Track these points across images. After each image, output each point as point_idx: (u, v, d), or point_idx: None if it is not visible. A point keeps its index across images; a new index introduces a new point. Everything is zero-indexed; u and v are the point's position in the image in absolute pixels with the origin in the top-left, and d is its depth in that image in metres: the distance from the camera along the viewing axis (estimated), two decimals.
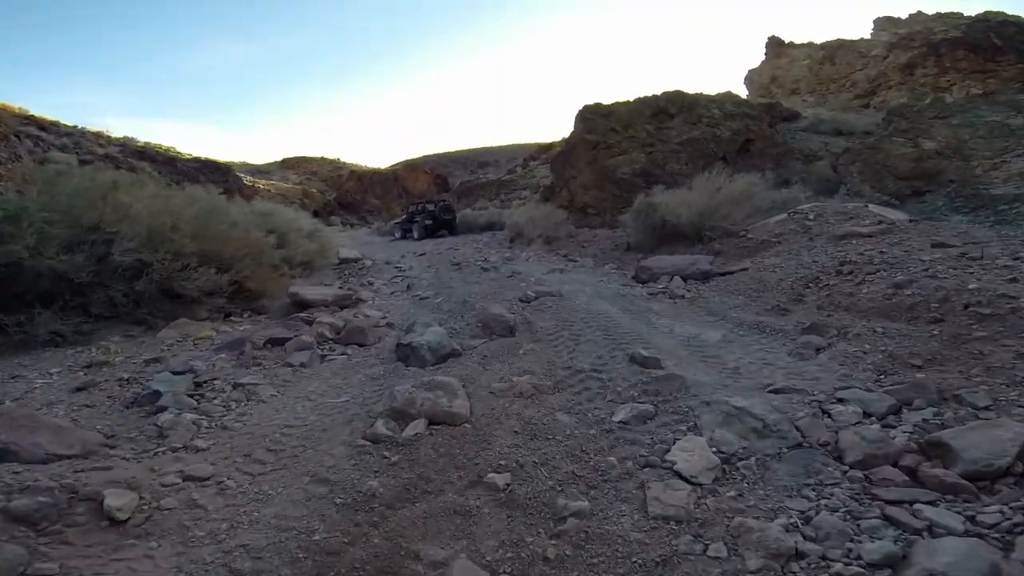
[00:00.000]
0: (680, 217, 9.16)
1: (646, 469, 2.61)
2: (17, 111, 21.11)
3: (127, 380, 4.37)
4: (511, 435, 2.94)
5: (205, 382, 4.22)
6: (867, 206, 8.68)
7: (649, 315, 5.38)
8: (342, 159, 62.45)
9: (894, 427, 2.80)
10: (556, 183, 17.22)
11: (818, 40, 29.91)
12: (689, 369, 3.69)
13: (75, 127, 24.18)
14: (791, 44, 30.86)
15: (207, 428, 3.45)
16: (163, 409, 3.63)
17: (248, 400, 3.92)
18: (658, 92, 16.17)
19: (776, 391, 3.24)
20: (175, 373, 4.32)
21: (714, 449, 2.68)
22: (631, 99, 16.24)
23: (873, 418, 2.90)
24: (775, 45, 31.30)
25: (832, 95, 26.52)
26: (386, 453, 2.89)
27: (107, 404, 3.91)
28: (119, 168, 20.53)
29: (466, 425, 3.06)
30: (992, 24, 20.67)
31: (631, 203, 10.72)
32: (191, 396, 3.93)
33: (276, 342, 5.09)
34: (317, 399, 3.79)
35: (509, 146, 61.58)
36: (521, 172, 37.12)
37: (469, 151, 64.54)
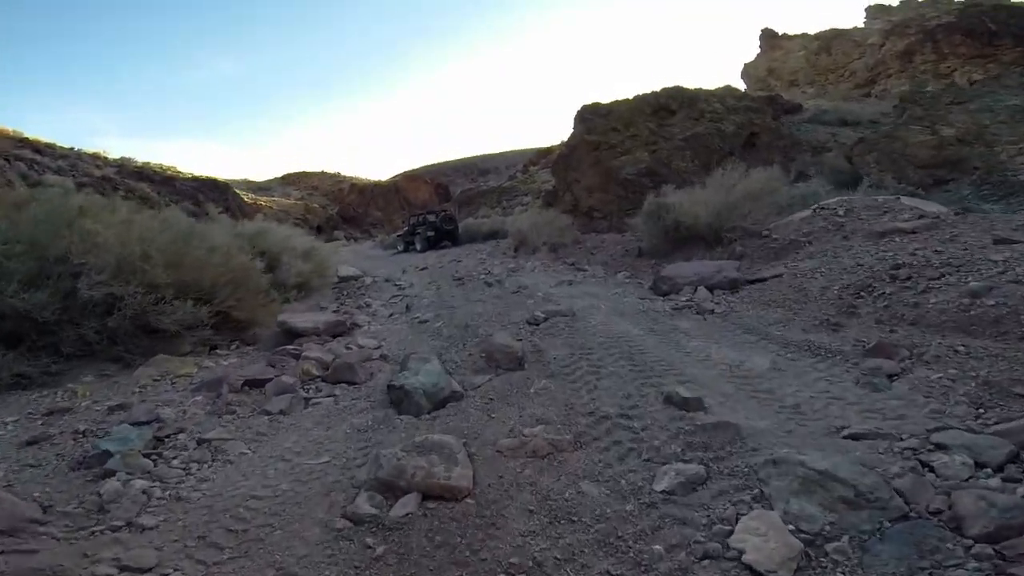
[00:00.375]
0: (696, 218, 8.50)
1: (705, 562, 1.98)
2: (11, 134, 20.84)
3: (82, 433, 3.79)
4: (525, 516, 2.30)
5: (167, 436, 3.65)
6: (899, 198, 7.99)
7: (677, 335, 4.69)
8: (343, 173, 62.71)
9: (1019, 480, 2.17)
10: (559, 187, 16.64)
11: (812, 31, 29.47)
12: (739, 410, 3.03)
13: (71, 149, 23.93)
14: (785, 36, 30.43)
15: (159, 499, 2.88)
16: (111, 474, 3.07)
17: (213, 460, 3.32)
18: (657, 89, 15.64)
19: (854, 436, 2.59)
20: (136, 424, 3.75)
21: (792, 527, 2.04)
22: (630, 97, 15.74)
23: (988, 469, 2.26)
24: (769, 37, 30.80)
25: (832, 85, 26.09)
26: (369, 540, 2.28)
27: (54, 463, 3.32)
28: (116, 190, 20.18)
29: (468, 501, 2.43)
30: (985, 9, 20.13)
31: (639, 204, 10.13)
32: (148, 455, 3.36)
33: (255, 384, 4.52)
34: (293, 459, 3.18)
35: (509, 152, 61.44)
36: (522, 177, 36.65)
37: (469, 159, 64.44)
